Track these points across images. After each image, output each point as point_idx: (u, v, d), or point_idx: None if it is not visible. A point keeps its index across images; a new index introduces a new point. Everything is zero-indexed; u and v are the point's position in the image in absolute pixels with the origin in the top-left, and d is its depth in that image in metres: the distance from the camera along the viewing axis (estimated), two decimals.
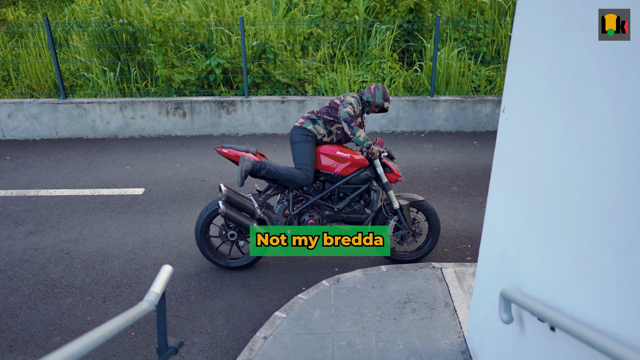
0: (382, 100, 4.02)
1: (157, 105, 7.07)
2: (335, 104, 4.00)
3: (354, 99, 3.95)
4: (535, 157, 2.11)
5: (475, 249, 4.46)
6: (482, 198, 5.37)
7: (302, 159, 3.92)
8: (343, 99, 3.97)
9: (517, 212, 2.34)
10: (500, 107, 7.21)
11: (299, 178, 3.89)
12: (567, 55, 1.80)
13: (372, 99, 4.01)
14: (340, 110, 3.88)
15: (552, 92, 1.94)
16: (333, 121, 3.99)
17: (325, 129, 4.00)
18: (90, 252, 4.42)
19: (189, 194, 5.46)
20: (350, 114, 3.83)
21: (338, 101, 4.00)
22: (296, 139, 3.97)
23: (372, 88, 4.05)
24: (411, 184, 5.71)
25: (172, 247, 4.50)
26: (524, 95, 2.24)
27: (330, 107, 4.02)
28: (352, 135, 3.84)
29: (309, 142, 3.95)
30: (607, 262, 1.56)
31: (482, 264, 2.88)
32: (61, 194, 5.46)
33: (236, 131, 7.31)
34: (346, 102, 3.91)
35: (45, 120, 6.97)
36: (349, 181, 3.99)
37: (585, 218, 1.69)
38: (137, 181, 5.76)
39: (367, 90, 4.05)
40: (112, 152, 6.58)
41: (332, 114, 3.99)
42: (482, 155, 6.52)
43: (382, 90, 4.03)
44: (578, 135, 1.75)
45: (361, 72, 7.84)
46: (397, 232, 4.14)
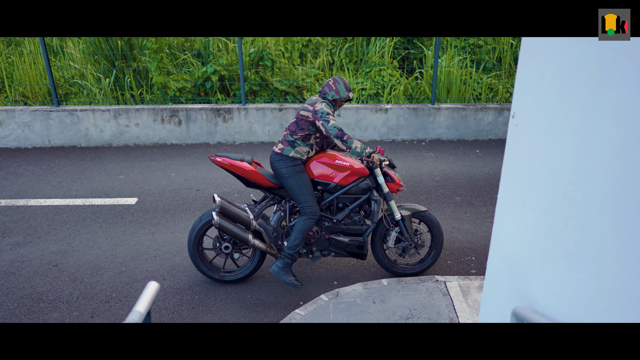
0: (347, 92, 3.77)
1: (152, 113, 6.92)
2: (303, 116, 3.69)
3: (325, 103, 3.66)
4: (550, 164, 1.95)
5: (480, 262, 4.29)
6: (486, 208, 5.21)
7: (301, 197, 3.67)
8: (313, 109, 3.65)
9: (528, 223, 2.18)
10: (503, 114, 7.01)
11: (310, 222, 3.69)
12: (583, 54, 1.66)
13: (337, 96, 3.75)
14: (324, 127, 3.56)
15: (568, 94, 1.79)
16: (308, 134, 3.71)
17: (306, 145, 3.73)
18: (79, 264, 4.25)
19: (183, 204, 5.30)
20: (336, 126, 3.57)
21: (306, 112, 3.69)
22: (284, 174, 3.68)
23: (332, 84, 3.76)
24: (412, 193, 5.55)
25: (165, 259, 4.33)
26: (537, 98, 2.09)
27: (299, 120, 3.71)
28: (348, 149, 3.61)
29: (300, 173, 3.68)
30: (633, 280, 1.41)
31: (489, 279, 2.71)
32: (51, 203, 5.29)
33: (233, 139, 7.16)
34: (322, 113, 3.59)
35: (38, 128, 6.81)
36: (348, 191, 3.82)
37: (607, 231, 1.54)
38: (130, 191, 5.60)
39: (327, 89, 3.76)
40: (106, 161, 6.42)
41: (304, 128, 3.69)
42: (485, 164, 6.37)
43: (342, 81, 3.77)
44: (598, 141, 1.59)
45: (360, 80, 7.71)
46: (399, 244, 3.97)
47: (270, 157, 3.79)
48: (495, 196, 5.44)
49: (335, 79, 3.77)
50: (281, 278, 3.77)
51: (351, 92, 3.80)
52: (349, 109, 7.08)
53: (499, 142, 7.17)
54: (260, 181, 3.80)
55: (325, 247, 3.93)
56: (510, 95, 7.76)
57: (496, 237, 2.65)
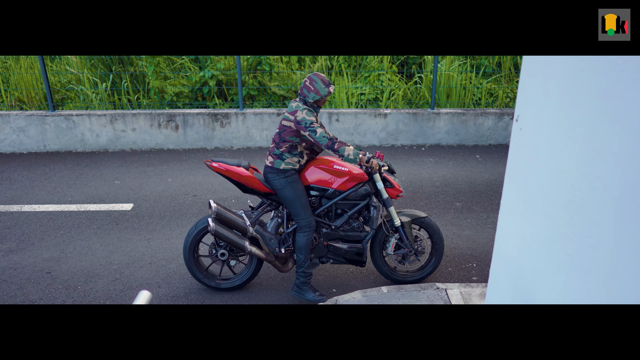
0: (327, 88, 3.52)
1: (148, 117, 6.85)
2: (285, 127, 3.53)
3: (306, 110, 3.46)
4: (556, 169, 1.88)
5: (481, 268, 4.21)
6: (487, 214, 5.14)
7: (294, 210, 3.60)
8: (295, 119, 3.47)
9: (533, 230, 2.10)
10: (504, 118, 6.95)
11: (309, 235, 3.63)
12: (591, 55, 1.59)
13: (318, 96, 3.51)
14: (313, 138, 3.43)
15: (574, 96, 1.72)
16: (293, 145, 3.57)
17: (294, 155, 3.59)
18: (72, 271, 4.16)
19: (179, 210, 5.22)
20: (325, 135, 3.43)
21: (287, 122, 3.51)
22: (277, 186, 3.59)
23: (309, 84, 3.51)
24: (412, 199, 5.48)
25: (160, 266, 4.25)
26: (541, 101, 2.02)
27: (282, 132, 3.54)
28: (341, 157, 3.49)
29: (293, 184, 3.58)
30: None
31: (492, 287, 2.64)
32: (46, 209, 5.21)
33: (230, 145, 7.09)
34: (306, 123, 3.41)
35: (33, 133, 6.74)
36: (347, 197, 3.75)
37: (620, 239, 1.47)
38: (125, 196, 5.52)
39: (306, 91, 3.52)
40: (101, 166, 6.35)
41: (287, 139, 3.54)
42: (485, 170, 6.31)
43: (318, 79, 3.51)
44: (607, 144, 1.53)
45: (359, 84, 7.65)
46: (399, 250, 3.90)
47: (263, 170, 3.71)
48: (496, 202, 5.37)
49: (311, 77, 3.53)
50: (304, 297, 3.75)
51: (332, 86, 3.55)
52: (347, 113, 7.02)
53: (499, 147, 7.11)
54: (257, 187, 3.72)
55: (323, 254, 3.85)
56: (511, 100, 7.70)
57: (499, 244, 2.57)
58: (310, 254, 3.75)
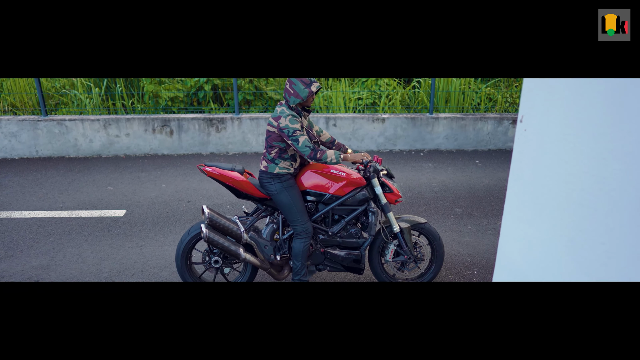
0: (307, 88, 3.33)
1: (143, 122, 6.74)
2: (270, 132, 3.42)
3: (289, 117, 3.31)
4: (564, 171, 1.78)
5: (482, 275, 4.10)
6: (487, 220, 5.03)
7: (291, 215, 3.50)
8: (278, 126, 3.34)
9: (540, 236, 2.00)
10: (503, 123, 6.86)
11: (305, 242, 3.54)
12: None
13: (298, 99, 3.34)
14: (295, 148, 3.32)
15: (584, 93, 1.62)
16: (282, 149, 3.44)
17: (285, 159, 3.48)
18: (61, 279, 4.04)
19: (173, 216, 5.10)
20: (307, 145, 3.31)
21: (271, 128, 3.39)
22: (273, 191, 3.49)
23: (289, 88, 3.36)
24: (411, 205, 5.37)
25: (152, 273, 4.12)
26: (547, 99, 1.92)
27: (268, 137, 3.45)
28: (325, 164, 3.43)
29: (289, 189, 3.47)
30: None
31: None
32: (36, 215, 5.09)
33: (226, 150, 6.98)
34: (289, 131, 3.29)
35: (25, 138, 6.62)
36: (344, 202, 3.64)
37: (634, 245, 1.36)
38: (118, 202, 5.40)
39: (287, 95, 3.37)
40: (94, 172, 6.23)
41: (273, 145, 3.43)
42: (485, 175, 6.21)
43: (297, 80, 3.33)
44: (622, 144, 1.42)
45: (357, 89, 7.56)
46: (398, 257, 3.78)
47: (258, 175, 3.61)
48: (496, 207, 5.26)
49: (290, 80, 3.37)
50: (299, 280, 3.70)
51: (314, 84, 3.35)
52: (345, 118, 6.92)
53: (498, 152, 7.02)
54: (251, 192, 3.61)
55: (320, 261, 3.74)
56: (510, 105, 7.62)
57: (502, 252, 2.46)
58: (306, 261, 3.64)
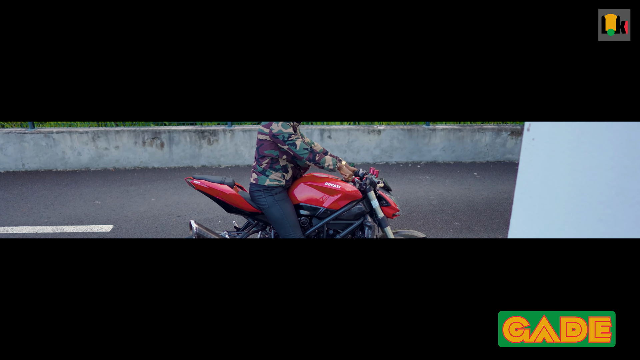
0: None
1: (132, 135, 6.58)
2: (262, 141, 3.31)
3: (282, 122, 3.21)
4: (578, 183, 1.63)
5: None
6: (487, 234, 4.87)
7: (282, 230, 3.35)
8: (270, 133, 3.22)
9: None
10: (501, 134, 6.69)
11: None
12: None
13: None
14: (293, 152, 3.20)
15: None
16: (274, 158, 3.33)
17: (277, 170, 3.34)
18: None
19: (162, 231, 4.91)
20: (305, 147, 3.19)
21: (263, 136, 3.28)
22: (264, 204, 3.34)
23: None
24: (408, 219, 5.20)
25: None
26: None
27: (259, 147, 3.33)
28: (322, 168, 3.32)
29: (280, 202, 3.33)
30: None
31: None
32: (19, 231, 4.89)
33: (218, 162, 6.81)
34: (284, 136, 3.18)
35: (11, 151, 6.44)
36: (339, 216, 3.47)
37: None
38: (105, 217, 5.21)
39: None
40: (82, 186, 6.04)
41: (265, 154, 3.31)
42: (483, 187, 6.06)
43: None
44: None
45: None
46: None
47: (249, 188, 3.44)
48: (496, 221, 5.11)
49: None
50: None
51: None
52: (340, 130, 6.78)
53: (497, 164, 6.88)
54: (242, 206, 3.44)
55: None
56: None
57: None
58: None
